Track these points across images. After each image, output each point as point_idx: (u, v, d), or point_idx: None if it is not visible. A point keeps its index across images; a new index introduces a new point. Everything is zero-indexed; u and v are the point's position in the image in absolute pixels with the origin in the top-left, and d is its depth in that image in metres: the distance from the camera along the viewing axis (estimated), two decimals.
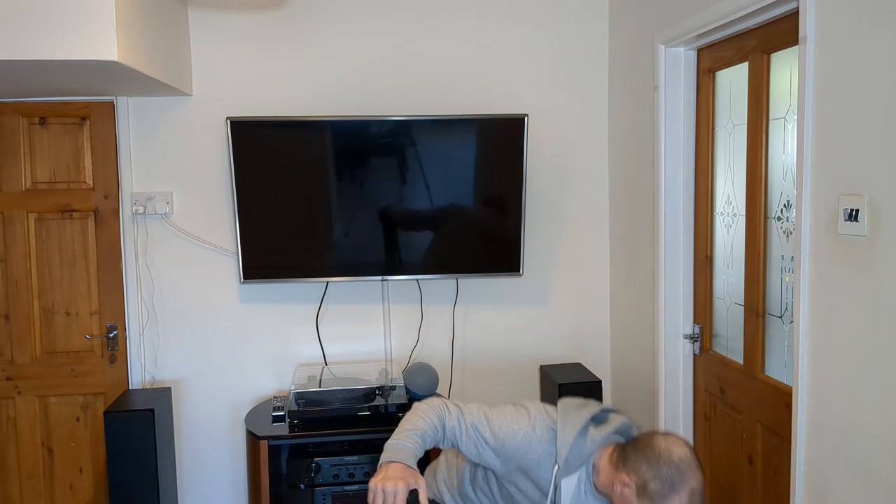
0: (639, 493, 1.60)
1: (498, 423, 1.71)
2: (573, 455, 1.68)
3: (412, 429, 1.69)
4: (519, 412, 1.73)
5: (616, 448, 1.69)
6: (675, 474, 1.60)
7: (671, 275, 2.73)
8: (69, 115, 3.06)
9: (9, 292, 3.09)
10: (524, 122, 2.96)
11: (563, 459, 1.67)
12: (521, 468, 1.71)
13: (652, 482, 1.59)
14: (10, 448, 3.14)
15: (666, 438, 1.65)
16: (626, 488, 1.62)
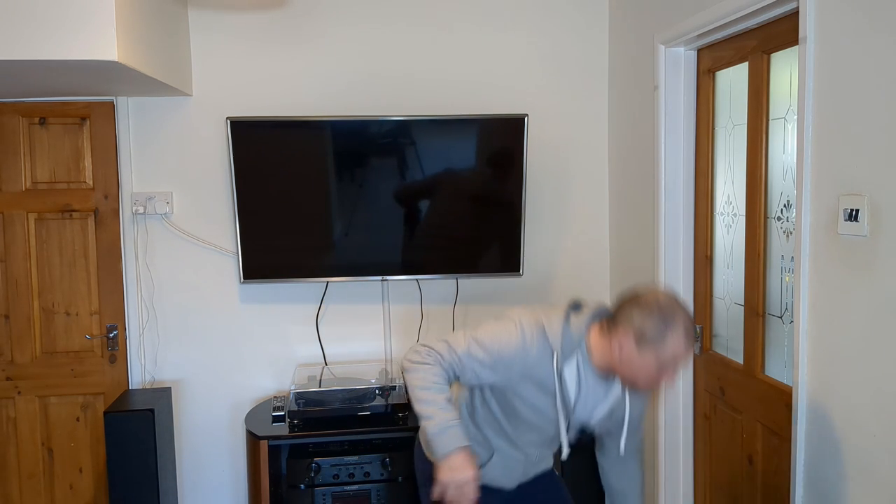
0: (638, 343, 1.67)
1: (489, 341, 1.76)
2: (566, 342, 1.75)
3: (437, 399, 1.73)
4: (505, 324, 1.79)
5: (601, 323, 1.78)
6: (667, 313, 1.67)
7: (671, 275, 2.73)
8: (69, 115, 3.06)
9: (9, 292, 3.09)
10: (524, 122, 2.96)
11: (558, 348, 1.74)
12: (523, 374, 1.76)
13: (647, 327, 1.66)
14: (10, 448, 3.14)
15: (646, 290, 1.74)
16: (625, 344, 1.69)
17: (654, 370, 1.67)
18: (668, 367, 1.67)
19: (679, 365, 1.69)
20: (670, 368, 1.68)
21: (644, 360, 1.67)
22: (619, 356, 1.70)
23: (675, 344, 1.65)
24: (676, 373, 1.70)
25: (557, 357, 1.74)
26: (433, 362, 1.76)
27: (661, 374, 1.68)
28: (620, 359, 1.71)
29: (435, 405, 1.73)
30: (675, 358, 1.66)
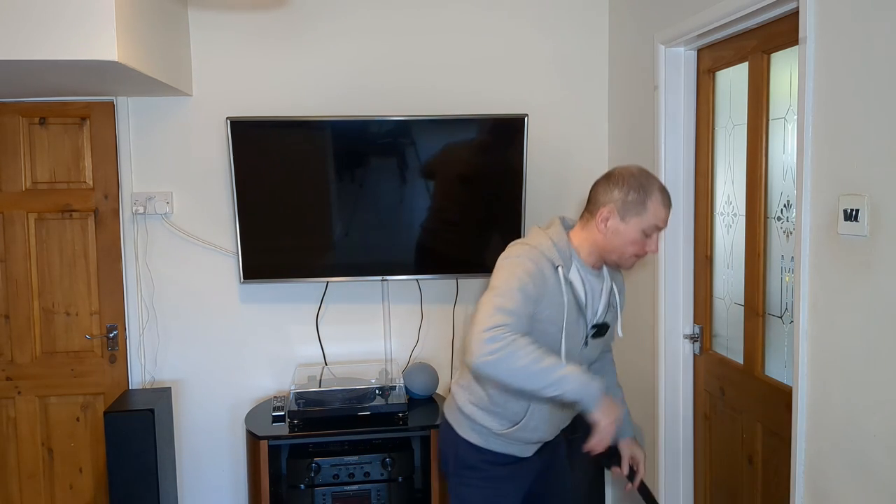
0: (621, 213, 1.84)
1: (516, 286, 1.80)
2: (559, 251, 1.88)
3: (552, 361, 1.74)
4: (512, 268, 1.85)
5: (580, 219, 1.96)
6: (642, 181, 1.84)
7: (671, 275, 2.73)
8: (69, 115, 3.06)
9: (9, 292, 3.09)
10: (524, 122, 2.96)
11: (557, 259, 1.86)
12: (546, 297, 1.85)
13: (628, 197, 1.83)
14: (10, 448, 3.14)
15: (615, 169, 1.90)
16: (610, 219, 1.85)
17: (640, 237, 1.84)
18: (652, 232, 1.84)
19: (661, 228, 1.85)
20: (654, 233, 1.85)
21: (630, 229, 1.83)
22: (605, 234, 1.86)
23: (656, 206, 1.82)
24: (655, 237, 1.86)
25: (562, 269, 1.86)
26: (511, 335, 1.72)
27: (646, 241, 1.85)
28: (606, 237, 1.87)
29: (557, 366, 1.74)
30: (657, 219, 1.83)
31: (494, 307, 1.76)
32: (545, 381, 1.71)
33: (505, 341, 1.70)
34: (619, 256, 1.89)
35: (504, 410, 1.97)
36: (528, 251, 1.88)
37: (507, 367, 1.70)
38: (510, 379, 1.73)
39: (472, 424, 2.03)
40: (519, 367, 1.70)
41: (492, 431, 2.00)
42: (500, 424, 1.98)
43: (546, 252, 1.87)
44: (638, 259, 1.90)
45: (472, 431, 2.03)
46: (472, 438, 2.03)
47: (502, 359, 1.70)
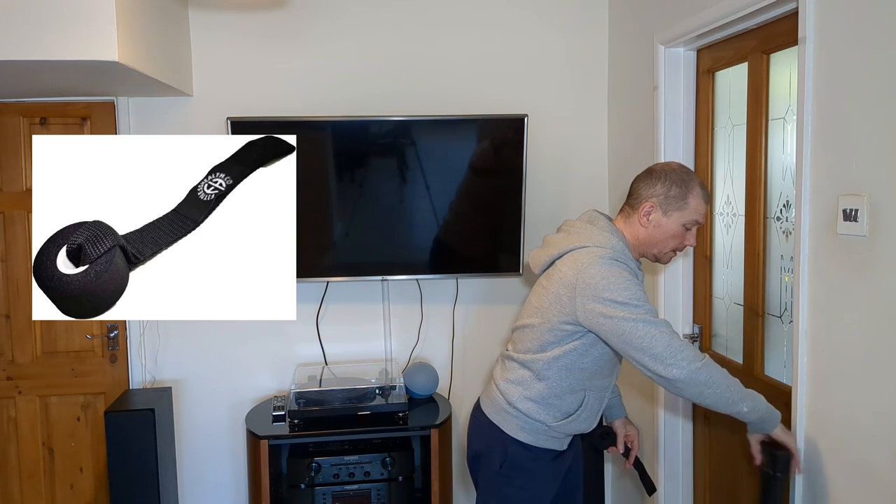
0: (664, 207, 1.93)
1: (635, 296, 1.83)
2: (626, 254, 1.94)
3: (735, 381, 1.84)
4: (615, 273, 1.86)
5: (619, 213, 2.04)
6: (683, 177, 1.94)
7: (671, 275, 2.73)
8: (70, 115, 3.06)
9: (9, 292, 3.09)
10: (524, 122, 2.96)
11: (630, 262, 1.94)
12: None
13: (670, 191, 1.92)
14: (11, 448, 3.14)
15: (655, 165, 1.99)
16: (651, 213, 1.94)
17: (681, 231, 1.94)
18: (692, 226, 1.94)
19: (700, 221, 1.94)
20: (693, 227, 1.94)
21: (671, 223, 1.93)
22: (648, 228, 1.95)
23: (697, 201, 1.92)
24: (694, 231, 1.96)
25: (634, 265, 1.95)
26: (695, 354, 1.82)
27: (685, 234, 1.94)
28: (649, 231, 1.95)
29: (744, 388, 1.85)
30: (697, 214, 1.93)
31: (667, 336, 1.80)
32: (732, 404, 1.83)
33: (706, 361, 1.81)
34: (659, 250, 1.97)
35: (561, 402, 2.00)
36: (611, 256, 1.90)
37: (712, 394, 1.81)
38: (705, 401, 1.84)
39: (523, 422, 2.03)
40: (718, 393, 1.81)
41: (545, 425, 2.01)
42: (555, 416, 2.01)
43: (619, 256, 1.92)
44: (675, 254, 1.99)
45: (522, 430, 2.03)
46: (522, 437, 2.03)
47: (707, 381, 1.80)
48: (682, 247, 1.98)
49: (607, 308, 1.82)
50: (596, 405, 2.06)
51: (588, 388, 2.01)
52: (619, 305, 1.82)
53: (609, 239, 1.95)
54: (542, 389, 1.99)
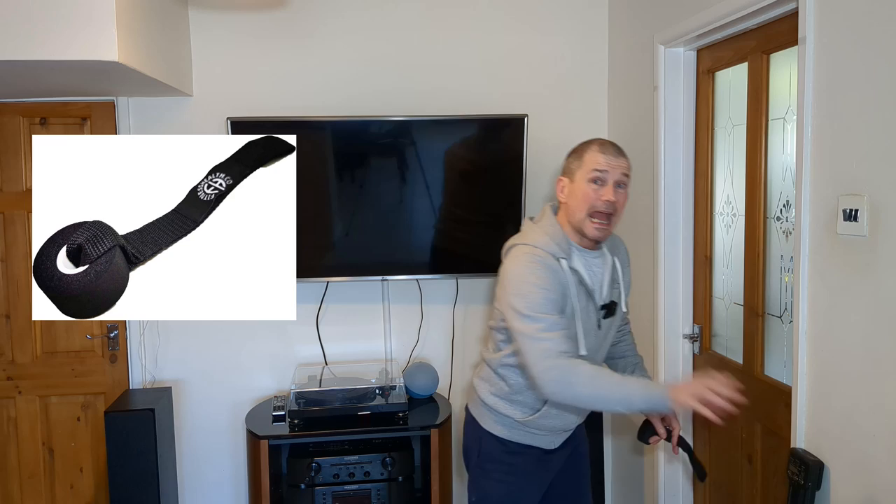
0: (569, 175, 1.95)
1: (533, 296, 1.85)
2: (557, 243, 1.93)
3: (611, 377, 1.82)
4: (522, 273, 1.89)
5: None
6: (582, 143, 1.97)
7: (671, 275, 2.73)
8: (70, 115, 3.06)
9: (9, 292, 3.09)
10: (524, 122, 2.96)
11: (558, 252, 1.92)
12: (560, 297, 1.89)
13: (570, 158, 1.97)
14: (11, 448, 3.14)
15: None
16: (564, 187, 1.97)
17: (590, 190, 1.89)
18: (596, 180, 1.89)
19: (601, 168, 1.89)
20: (600, 182, 1.89)
21: (577, 185, 1.92)
22: (566, 202, 1.95)
23: (592, 153, 1.91)
24: (607, 186, 1.89)
25: (565, 262, 1.92)
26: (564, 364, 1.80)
27: (595, 191, 1.89)
28: (568, 204, 1.95)
29: (617, 383, 1.80)
30: (595, 164, 1.89)
31: (537, 332, 1.82)
32: (609, 402, 1.82)
33: (561, 372, 1.78)
34: (578, 220, 1.93)
35: (525, 398, 2.02)
36: (530, 254, 1.91)
37: (572, 395, 1.81)
38: (578, 403, 1.86)
39: (495, 416, 2.07)
40: (582, 394, 1.80)
41: (515, 421, 2.04)
42: (522, 412, 2.03)
43: (546, 248, 1.91)
44: (600, 222, 1.91)
45: (496, 423, 2.08)
46: (497, 431, 2.07)
47: (564, 390, 1.80)
48: (599, 207, 1.89)
49: (511, 313, 1.88)
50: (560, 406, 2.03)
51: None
52: (518, 315, 1.85)
53: (540, 237, 1.94)
54: (504, 387, 2.04)
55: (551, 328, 1.82)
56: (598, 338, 2.02)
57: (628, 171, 1.94)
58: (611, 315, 2.04)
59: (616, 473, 3.30)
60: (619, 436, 3.26)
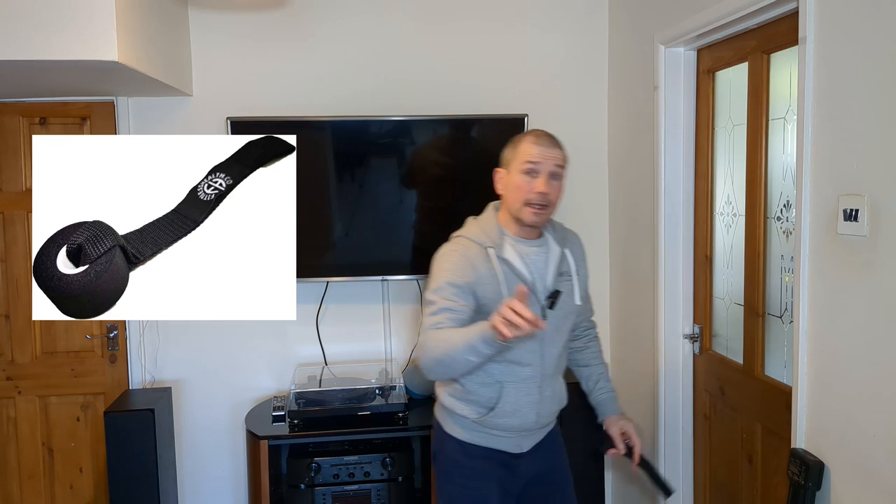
0: (505, 167, 1.99)
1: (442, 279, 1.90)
2: (486, 233, 1.98)
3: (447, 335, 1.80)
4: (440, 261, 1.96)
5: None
6: (518, 136, 2.01)
7: (671, 275, 2.73)
8: (69, 115, 3.06)
9: (9, 292, 3.09)
10: (524, 123, 2.96)
11: (486, 241, 1.96)
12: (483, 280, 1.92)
13: (506, 150, 2.01)
14: (11, 448, 3.14)
15: None
16: (500, 178, 2.01)
17: (523, 180, 1.92)
18: (529, 171, 1.92)
19: (534, 159, 1.91)
20: (533, 173, 1.92)
21: (512, 176, 1.95)
22: (504, 193, 1.99)
23: (525, 144, 1.94)
24: (540, 178, 1.92)
25: (493, 251, 1.94)
26: (426, 333, 1.86)
27: (529, 182, 1.92)
28: (505, 195, 1.98)
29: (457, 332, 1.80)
30: (527, 155, 1.92)
31: (426, 316, 1.88)
32: (457, 350, 1.76)
33: (424, 342, 1.84)
34: (515, 209, 1.96)
35: (478, 397, 2.00)
36: (455, 242, 2.00)
37: (433, 360, 1.82)
38: (442, 367, 1.83)
39: (453, 418, 2.06)
40: (438, 355, 1.80)
41: (471, 421, 2.02)
42: (477, 412, 2.01)
43: (473, 237, 1.98)
44: (535, 210, 1.93)
45: (456, 425, 2.06)
46: (456, 433, 2.06)
47: (427, 358, 1.83)
48: (532, 199, 1.91)
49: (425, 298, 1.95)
50: (525, 397, 2.00)
51: (504, 381, 1.98)
52: (425, 303, 1.93)
53: (472, 228, 2.03)
54: (458, 386, 2.03)
55: (437, 312, 1.86)
56: (545, 332, 1.95)
57: (562, 163, 1.96)
58: (555, 306, 1.98)
59: (616, 473, 3.30)
60: None
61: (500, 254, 1.95)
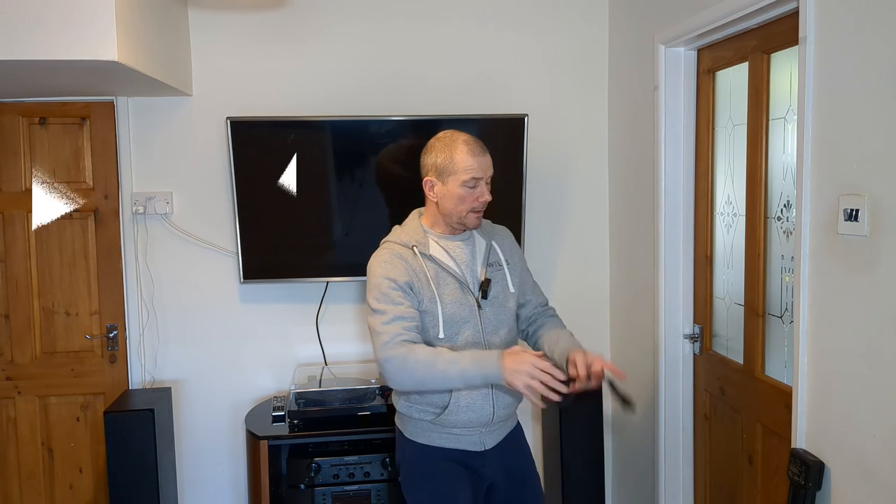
0: (438, 176, 1.99)
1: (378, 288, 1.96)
2: (410, 235, 2.04)
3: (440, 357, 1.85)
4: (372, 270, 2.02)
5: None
6: (446, 140, 2.00)
7: (671, 275, 2.73)
8: (69, 115, 3.06)
9: (9, 292, 3.09)
10: (524, 122, 2.96)
11: (410, 241, 2.02)
12: (415, 280, 1.98)
13: (437, 159, 1.99)
14: (11, 448, 3.14)
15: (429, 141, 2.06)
16: (430, 187, 2.01)
17: (466, 192, 1.98)
18: (469, 182, 1.97)
19: (476, 175, 1.97)
20: (472, 182, 1.97)
21: (452, 190, 1.98)
22: (438, 201, 2.01)
23: (463, 158, 1.96)
24: (481, 186, 1.99)
25: (417, 248, 2.01)
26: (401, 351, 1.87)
27: (473, 193, 1.98)
28: (440, 203, 2.01)
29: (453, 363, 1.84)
30: (469, 171, 1.96)
31: (379, 325, 1.91)
32: (448, 381, 1.86)
33: (398, 360, 1.85)
34: (458, 217, 2.01)
35: (429, 398, 2.01)
36: (383, 249, 2.05)
37: (412, 381, 1.87)
38: (423, 388, 1.92)
39: (412, 423, 2.07)
40: (421, 377, 1.85)
41: (429, 423, 2.03)
42: (433, 412, 2.02)
43: (398, 240, 2.04)
44: (477, 214, 2.02)
45: (415, 430, 2.07)
46: (417, 437, 2.07)
47: (405, 376, 1.86)
48: (479, 205, 2.01)
49: (367, 310, 1.99)
50: (476, 391, 1.99)
51: None
52: (370, 311, 1.96)
53: (397, 233, 2.08)
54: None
55: (392, 321, 1.89)
56: (483, 317, 2.03)
57: (491, 167, 2.05)
58: (489, 294, 2.05)
59: (616, 473, 3.30)
60: (619, 436, 3.26)
61: (424, 251, 2.02)
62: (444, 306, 1.98)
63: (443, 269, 2.01)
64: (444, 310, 1.98)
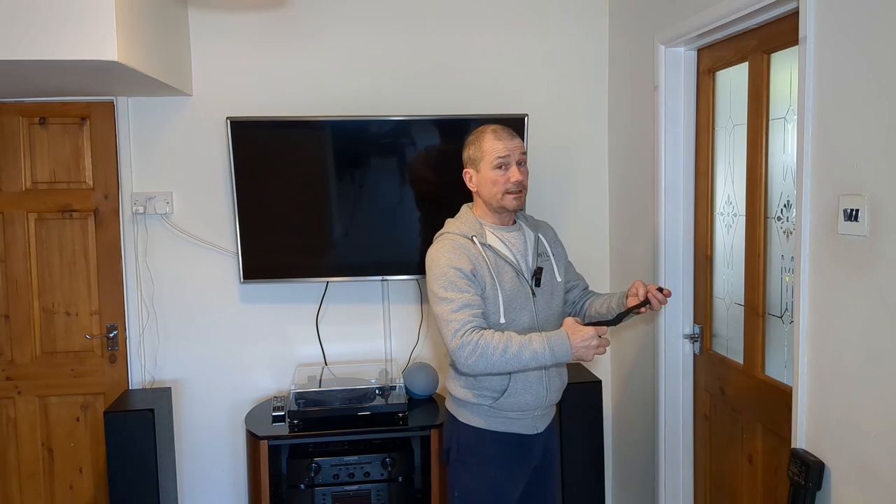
0: (472, 165, 2.14)
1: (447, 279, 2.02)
2: (468, 226, 2.14)
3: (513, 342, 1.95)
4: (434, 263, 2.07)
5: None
6: (476, 133, 2.16)
7: (671, 275, 2.73)
8: (69, 115, 3.06)
9: (9, 292, 3.09)
10: (524, 122, 2.96)
11: (469, 232, 2.12)
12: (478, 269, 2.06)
13: (469, 151, 2.16)
14: (10, 448, 3.14)
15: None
16: (469, 178, 2.16)
17: (497, 175, 2.09)
18: (501, 164, 2.08)
19: (501, 154, 2.08)
20: (505, 165, 2.09)
21: (486, 175, 2.10)
22: (478, 190, 2.14)
23: (489, 143, 2.10)
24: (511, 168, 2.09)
25: (476, 238, 2.10)
26: (475, 336, 1.95)
27: (504, 175, 2.08)
28: (480, 192, 2.14)
29: (524, 346, 1.94)
30: (495, 152, 2.08)
31: (448, 313, 1.99)
32: (521, 363, 1.95)
33: (471, 345, 1.94)
34: (496, 201, 2.12)
35: (489, 382, 2.11)
36: (443, 240, 2.13)
37: (486, 365, 1.95)
38: (495, 371, 1.99)
39: (469, 407, 2.15)
40: (496, 362, 1.94)
41: (488, 407, 2.12)
42: (491, 396, 2.11)
43: (457, 231, 2.13)
44: (514, 196, 2.11)
45: (472, 414, 2.15)
46: (473, 422, 2.15)
47: (479, 361, 1.95)
48: (511, 186, 2.09)
49: (432, 298, 2.06)
50: (532, 374, 2.12)
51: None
52: (436, 299, 2.03)
53: (454, 225, 2.17)
54: (465, 375, 2.13)
55: (460, 309, 1.98)
56: (537, 304, 2.15)
57: (524, 149, 2.14)
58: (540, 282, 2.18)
59: (616, 473, 3.30)
60: (619, 436, 3.26)
61: (482, 240, 2.11)
62: (504, 293, 2.08)
63: (500, 257, 2.11)
64: (504, 296, 2.08)
